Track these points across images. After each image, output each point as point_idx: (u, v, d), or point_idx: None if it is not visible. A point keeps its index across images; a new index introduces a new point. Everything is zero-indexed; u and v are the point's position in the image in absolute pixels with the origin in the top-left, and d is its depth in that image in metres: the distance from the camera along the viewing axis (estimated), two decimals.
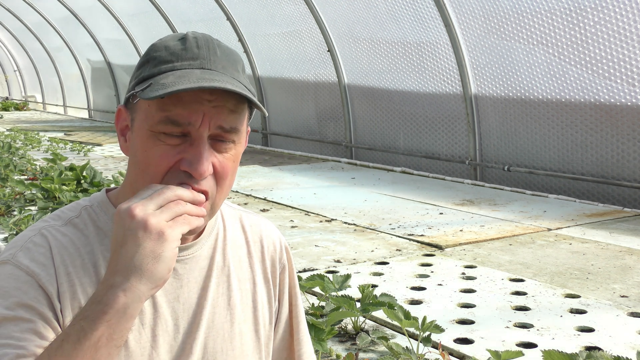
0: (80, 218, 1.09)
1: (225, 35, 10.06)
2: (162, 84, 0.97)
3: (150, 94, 0.96)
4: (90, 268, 1.05)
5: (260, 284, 1.21)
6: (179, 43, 1.04)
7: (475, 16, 6.42)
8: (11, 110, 19.52)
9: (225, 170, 1.04)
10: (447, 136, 7.08)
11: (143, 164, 1.03)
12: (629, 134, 5.45)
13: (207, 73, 1.00)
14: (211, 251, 1.16)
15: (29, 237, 1.05)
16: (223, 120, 1.01)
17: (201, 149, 1.00)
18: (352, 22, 7.97)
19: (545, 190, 6.04)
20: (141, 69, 1.05)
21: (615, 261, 3.68)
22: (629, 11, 5.27)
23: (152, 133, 1.01)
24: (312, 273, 3.32)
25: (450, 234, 4.33)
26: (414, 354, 2.27)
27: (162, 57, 1.02)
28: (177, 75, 0.99)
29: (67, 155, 8.52)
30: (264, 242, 1.24)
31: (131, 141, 1.06)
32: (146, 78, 1.02)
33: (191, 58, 1.02)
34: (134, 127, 1.05)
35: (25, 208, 4.92)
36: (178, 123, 0.99)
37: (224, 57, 1.04)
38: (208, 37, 1.06)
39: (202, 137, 1.00)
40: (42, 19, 15.98)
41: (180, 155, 1.01)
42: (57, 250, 1.03)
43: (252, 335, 1.18)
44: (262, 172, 7.33)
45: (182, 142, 1.01)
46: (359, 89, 8.26)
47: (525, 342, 2.56)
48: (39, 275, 1.00)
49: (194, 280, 1.13)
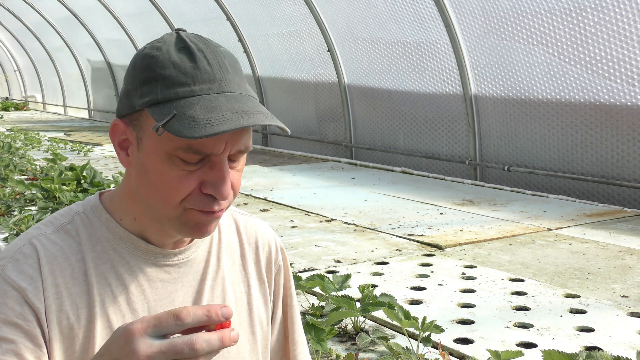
0: (72, 224, 1.08)
1: (225, 35, 10.07)
2: (191, 118, 0.93)
3: (187, 133, 0.92)
4: (80, 277, 1.04)
5: (254, 285, 1.21)
6: (185, 58, 0.98)
7: (475, 16, 6.42)
8: (11, 110, 19.53)
9: (238, 183, 1.04)
10: (447, 136, 7.08)
11: (160, 186, 1.00)
12: (629, 134, 5.45)
13: (232, 100, 0.97)
14: (206, 254, 1.15)
15: (19, 247, 1.04)
16: (243, 144, 1.00)
17: (224, 172, 0.99)
18: (352, 22, 7.97)
19: (545, 190, 6.04)
20: (147, 86, 0.99)
21: (615, 261, 3.68)
22: (629, 11, 5.27)
23: (168, 155, 0.98)
24: (312, 273, 3.32)
25: (450, 234, 4.33)
26: (414, 354, 2.27)
27: (174, 78, 0.97)
28: (204, 106, 0.95)
29: (67, 155, 8.52)
30: (259, 243, 1.24)
31: (136, 158, 1.03)
32: (161, 101, 0.97)
33: (208, 80, 0.98)
34: (142, 146, 1.01)
35: (25, 208, 4.93)
36: (200, 152, 0.97)
37: (234, 71, 1.01)
38: (211, 47, 1.01)
39: (223, 162, 0.99)
40: (42, 19, 15.99)
41: (200, 178, 0.99)
42: (45, 261, 1.02)
43: (249, 338, 1.18)
44: (262, 172, 7.33)
45: (201, 165, 0.99)
46: (359, 89, 8.26)
47: (525, 342, 2.56)
48: (25, 290, 0.99)
49: (189, 283, 1.12)
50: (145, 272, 1.08)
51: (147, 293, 1.08)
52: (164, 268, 1.10)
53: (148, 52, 1.02)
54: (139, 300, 1.07)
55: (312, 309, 2.73)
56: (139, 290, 1.08)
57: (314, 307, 2.73)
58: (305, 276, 3.07)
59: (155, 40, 1.05)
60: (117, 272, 1.06)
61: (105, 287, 1.05)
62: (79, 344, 1.02)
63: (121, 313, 1.06)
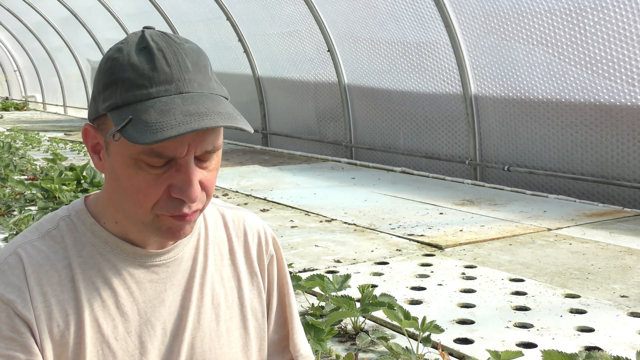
0: (58, 230, 1.07)
1: (225, 35, 10.07)
2: (145, 123, 0.92)
3: (138, 139, 0.91)
4: (68, 283, 1.04)
5: (245, 279, 1.20)
6: (144, 59, 0.97)
7: (475, 16, 6.42)
8: (11, 110, 19.52)
9: (211, 184, 1.03)
10: (447, 136, 7.08)
11: (129, 191, 1.00)
12: (629, 134, 5.45)
13: (189, 100, 0.95)
14: (193, 252, 1.15)
15: (5, 258, 1.04)
16: (208, 144, 0.99)
17: (190, 175, 0.98)
18: (352, 22, 7.97)
19: (545, 190, 6.04)
20: (108, 90, 0.98)
21: (615, 261, 3.68)
22: (629, 11, 5.27)
23: (134, 160, 0.97)
24: (312, 273, 3.32)
25: (450, 234, 4.33)
26: (414, 354, 2.27)
27: (131, 80, 0.96)
28: (159, 109, 0.93)
29: (67, 155, 8.52)
30: (248, 235, 1.22)
31: (108, 162, 1.03)
32: (120, 105, 0.96)
33: (165, 81, 0.96)
34: (109, 151, 1.01)
35: (25, 208, 4.93)
36: (162, 155, 0.96)
37: (196, 69, 0.99)
38: (173, 45, 0.99)
39: (189, 164, 0.98)
40: (42, 19, 15.99)
41: (168, 181, 0.98)
42: (31, 270, 1.02)
43: (241, 332, 1.18)
44: (262, 172, 7.33)
45: (167, 168, 0.98)
46: (359, 89, 8.26)
47: (525, 342, 2.56)
48: (14, 303, 0.99)
49: (177, 282, 1.12)
50: (132, 275, 1.08)
51: (136, 295, 1.08)
52: (152, 269, 1.10)
53: (111, 54, 1.01)
54: (128, 302, 1.07)
55: (311, 309, 2.73)
56: (128, 292, 1.07)
57: (313, 307, 2.73)
58: (305, 276, 3.07)
59: (120, 41, 1.03)
60: (104, 276, 1.06)
61: (93, 291, 1.05)
62: (70, 350, 1.02)
63: (111, 317, 1.05)
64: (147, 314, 1.08)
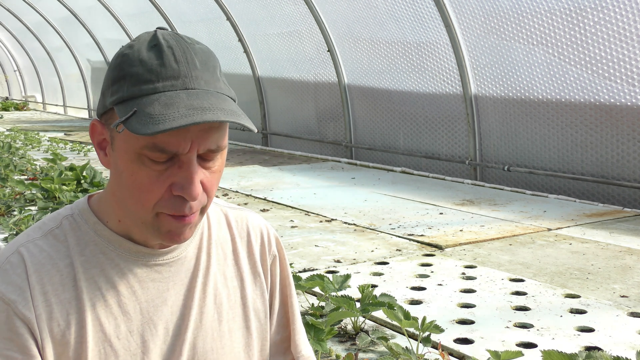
0: (61, 228, 1.07)
1: (225, 35, 10.07)
2: (148, 115, 0.93)
3: (140, 130, 0.92)
4: (70, 283, 1.04)
5: (248, 279, 1.20)
6: (153, 55, 0.98)
7: (475, 16, 6.42)
8: (11, 110, 19.53)
9: (212, 185, 1.03)
10: (447, 136, 7.08)
11: (131, 187, 1.00)
12: (629, 134, 5.45)
13: (193, 96, 0.96)
14: (196, 251, 1.15)
15: (7, 257, 1.04)
16: (211, 142, 0.99)
17: (191, 172, 0.98)
18: (352, 22, 7.97)
19: (545, 190, 6.04)
20: (116, 85, 0.99)
21: (615, 261, 3.68)
22: (629, 11, 5.27)
23: (137, 155, 0.98)
24: (312, 273, 3.32)
25: (450, 234, 4.33)
26: (414, 354, 2.27)
27: (139, 75, 0.97)
28: (163, 103, 0.94)
29: (67, 155, 8.52)
30: (251, 236, 1.23)
31: (113, 158, 1.03)
32: (126, 99, 0.97)
33: (172, 77, 0.97)
34: (114, 146, 1.02)
35: (25, 208, 4.93)
36: (165, 150, 0.96)
37: (204, 68, 1.00)
38: (183, 44, 1.00)
39: (191, 161, 0.98)
40: (42, 19, 15.99)
41: (170, 179, 0.99)
42: (33, 269, 1.02)
43: (243, 333, 1.18)
44: (262, 172, 7.33)
45: (170, 165, 0.98)
46: (359, 89, 8.26)
47: (525, 342, 2.56)
48: (15, 303, 0.99)
49: (180, 282, 1.12)
50: (135, 274, 1.08)
51: (138, 294, 1.08)
52: (155, 268, 1.09)
53: (122, 51, 1.02)
54: (130, 301, 1.07)
55: (311, 309, 2.73)
56: (130, 291, 1.07)
57: (313, 307, 2.73)
58: (305, 276, 3.07)
59: (133, 39, 1.05)
60: (106, 275, 1.06)
61: (95, 290, 1.05)
62: (72, 349, 1.02)
63: (113, 316, 1.05)
64: (150, 313, 1.08)
